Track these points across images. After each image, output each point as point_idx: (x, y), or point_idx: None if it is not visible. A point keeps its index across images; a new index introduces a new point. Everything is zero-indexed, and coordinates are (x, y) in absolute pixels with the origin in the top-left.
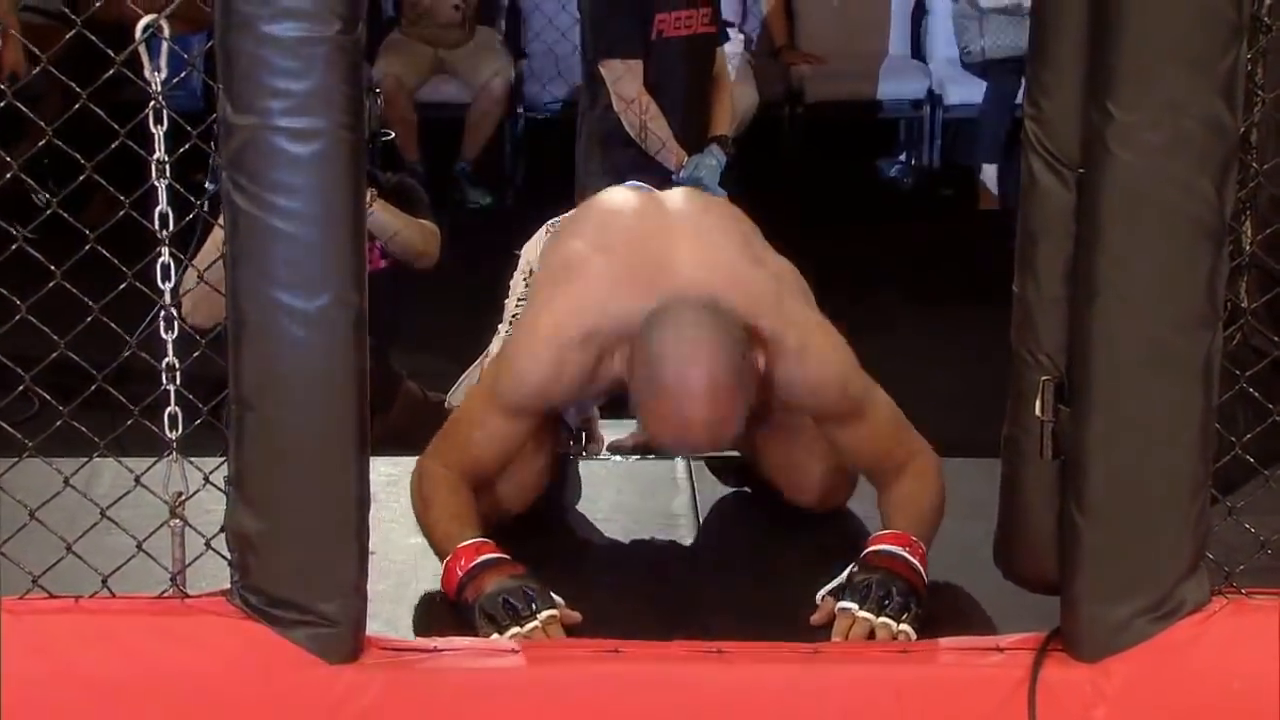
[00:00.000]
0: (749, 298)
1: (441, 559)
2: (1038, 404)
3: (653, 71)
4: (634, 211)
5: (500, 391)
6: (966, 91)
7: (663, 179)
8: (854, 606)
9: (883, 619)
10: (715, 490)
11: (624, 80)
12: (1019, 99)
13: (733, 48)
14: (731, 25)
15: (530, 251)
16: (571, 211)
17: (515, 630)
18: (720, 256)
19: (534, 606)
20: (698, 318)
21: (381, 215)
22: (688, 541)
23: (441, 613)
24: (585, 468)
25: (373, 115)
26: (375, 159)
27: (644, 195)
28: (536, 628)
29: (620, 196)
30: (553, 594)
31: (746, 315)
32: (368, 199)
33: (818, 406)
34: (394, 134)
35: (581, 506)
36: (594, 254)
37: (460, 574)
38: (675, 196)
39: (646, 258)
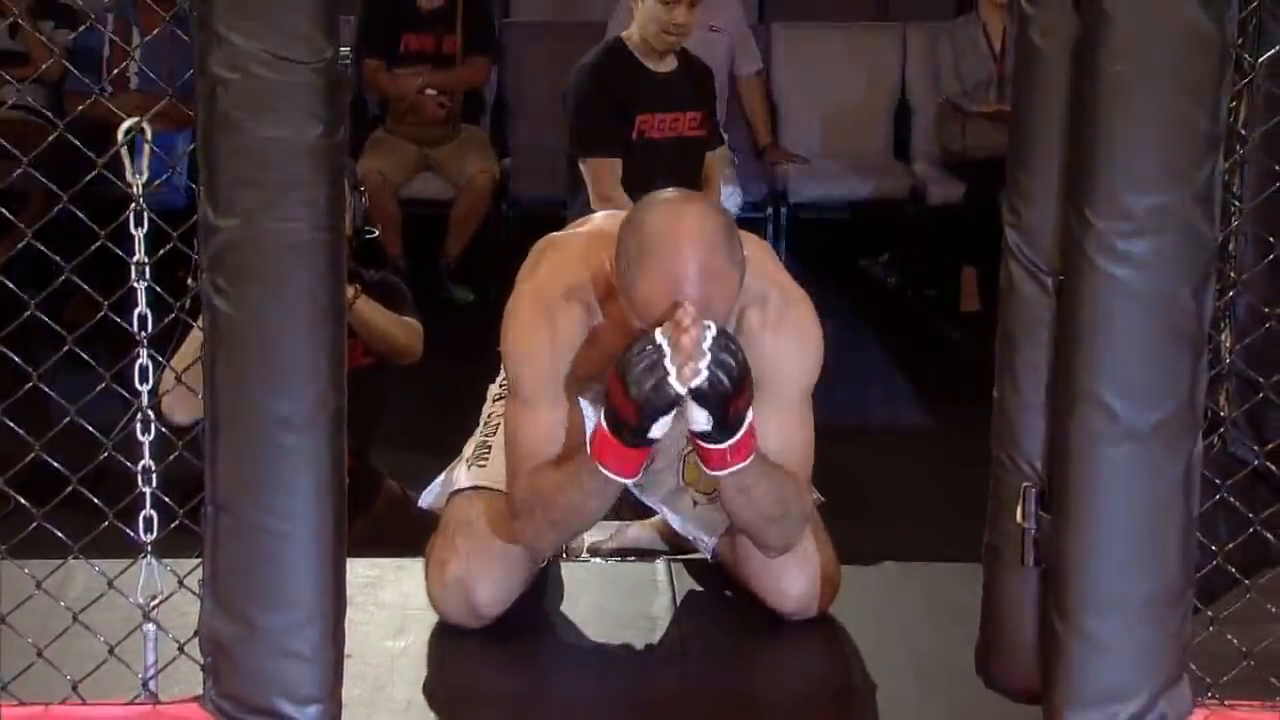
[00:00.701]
0: (735, 261)
1: (591, 468)
2: (1019, 510)
3: (633, 172)
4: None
5: (518, 386)
6: (949, 191)
7: None
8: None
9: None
10: (696, 593)
11: (601, 179)
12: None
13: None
14: None
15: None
16: None
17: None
18: (713, 229)
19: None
20: (681, 192)
21: (365, 311)
22: (668, 645)
23: (417, 718)
24: (565, 569)
25: (357, 212)
26: (359, 256)
27: None
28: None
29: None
30: None
31: (739, 265)
32: (350, 295)
33: (771, 374)
34: (378, 230)
35: (562, 609)
36: (562, 236)
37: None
38: None
39: (616, 225)
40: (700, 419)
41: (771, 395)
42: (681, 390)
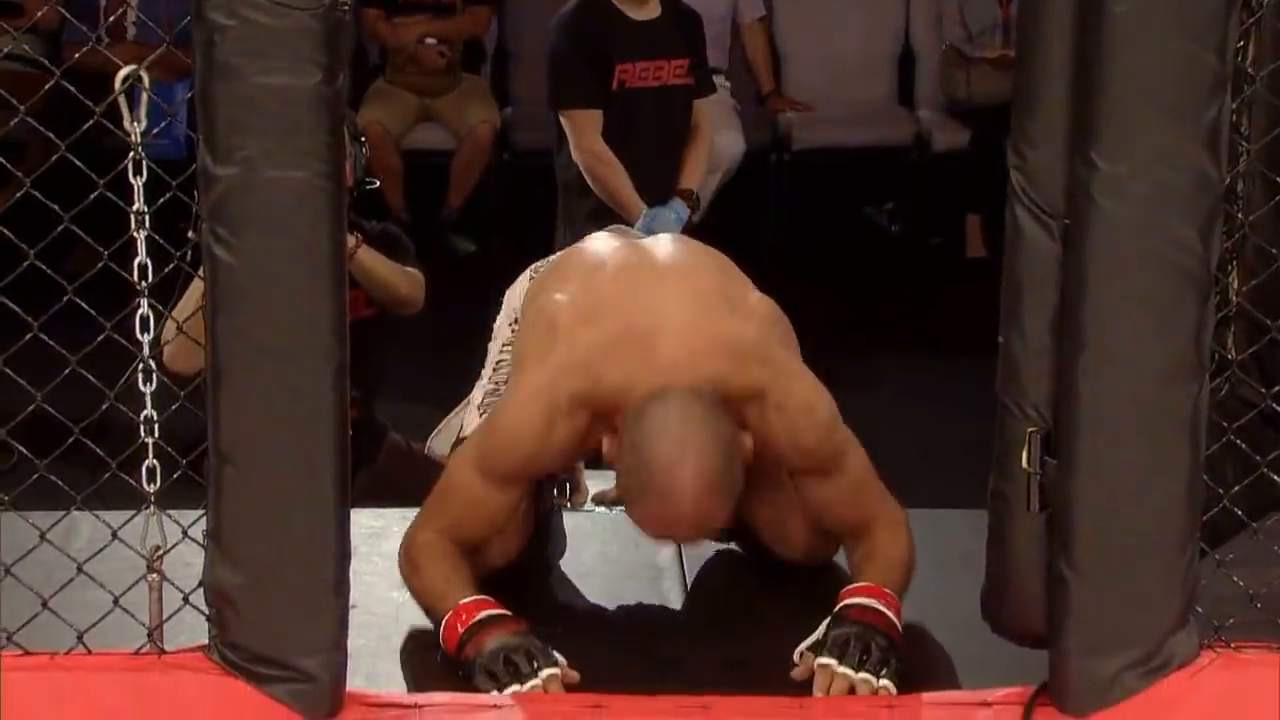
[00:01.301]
0: (733, 358)
1: (436, 619)
2: (1024, 456)
3: (615, 122)
4: (619, 268)
5: (487, 461)
6: (954, 138)
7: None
8: (833, 662)
9: (863, 674)
10: (701, 542)
11: (581, 131)
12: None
13: (720, 94)
14: (719, 71)
15: (514, 297)
16: (553, 258)
17: (515, 687)
18: (705, 319)
19: (535, 664)
20: (684, 412)
21: (366, 261)
22: (673, 594)
23: (423, 668)
24: (569, 520)
25: (358, 163)
26: (360, 207)
27: (626, 247)
28: (537, 685)
29: (602, 249)
30: (554, 652)
31: (732, 377)
32: (351, 244)
33: (797, 459)
34: (379, 182)
35: (566, 559)
36: (580, 318)
37: (461, 630)
38: (657, 247)
39: (635, 325)
40: None
41: (811, 468)
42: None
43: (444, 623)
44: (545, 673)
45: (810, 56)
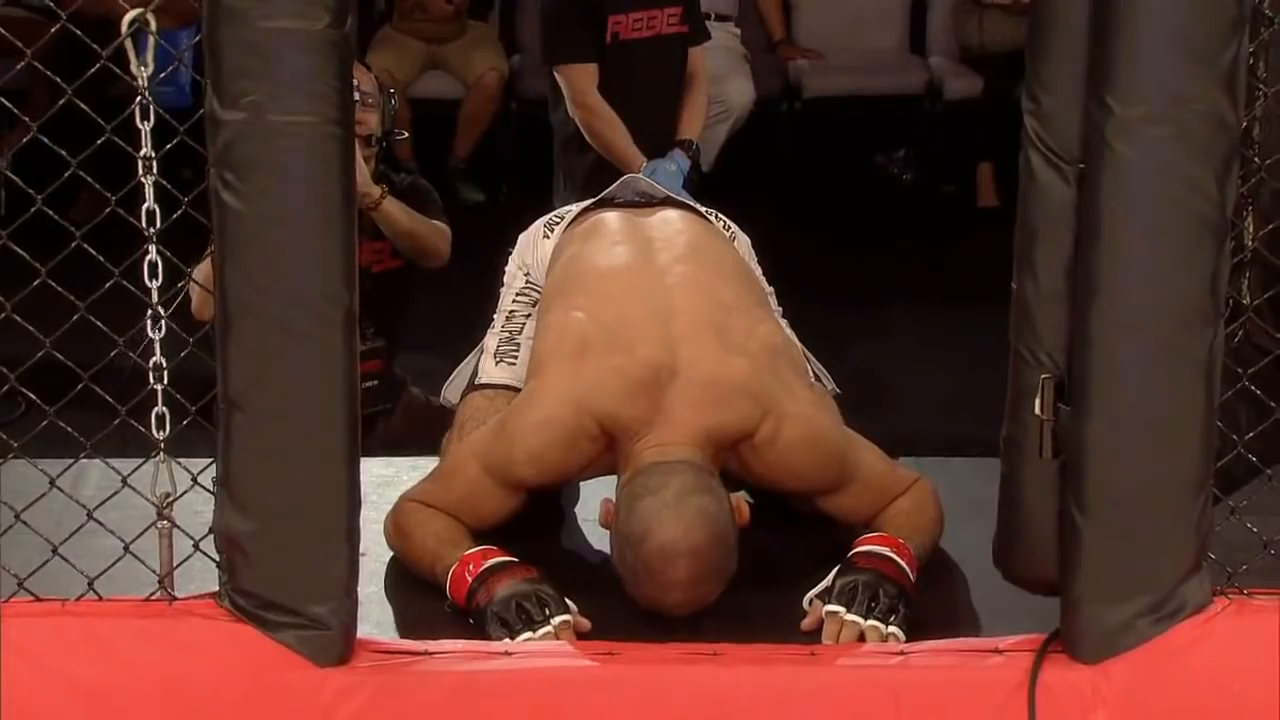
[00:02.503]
0: (727, 400)
1: (436, 577)
2: (1037, 403)
3: (610, 75)
4: (636, 287)
5: (498, 464)
6: (966, 85)
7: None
8: (841, 610)
9: (871, 621)
10: None
11: (576, 86)
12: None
13: (730, 42)
14: (728, 19)
15: (526, 249)
16: (567, 219)
17: (528, 635)
18: (708, 358)
19: (547, 611)
20: (680, 499)
21: (391, 211)
22: None
23: (433, 615)
24: None
25: (387, 115)
26: (387, 158)
27: (643, 255)
28: (549, 632)
29: (621, 258)
30: (566, 599)
31: (732, 425)
32: (376, 195)
33: (800, 486)
34: (406, 134)
35: (577, 508)
36: (607, 343)
37: (470, 579)
38: (674, 258)
39: (650, 362)
40: None
41: (820, 491)
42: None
43: (450, 573)
44: (558, 619)
45: (821, 4)
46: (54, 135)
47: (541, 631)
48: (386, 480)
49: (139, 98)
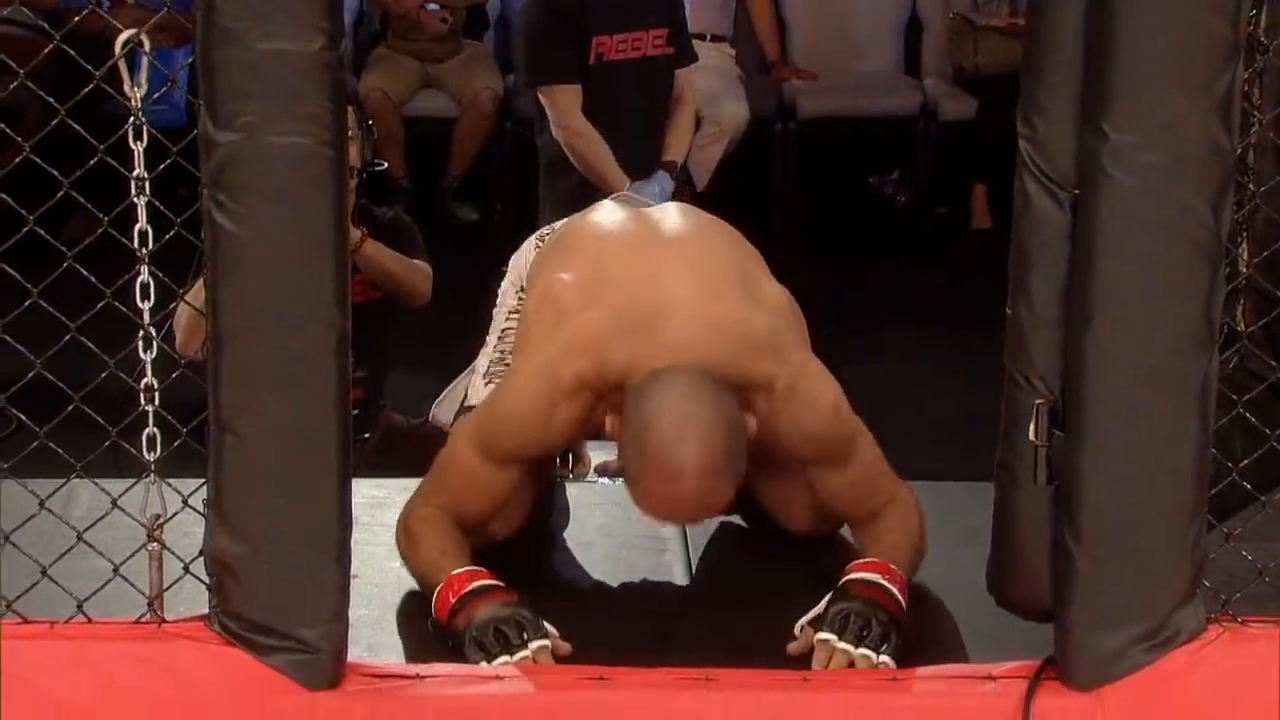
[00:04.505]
0: (742, 345)
1: (430, 592)
2: (1031, 428)
3: (594, 96)
4: (626, 245)
5: (488, 441)
6: (961, 107)
7: None
8: (833, 638)
9: (862, 650)
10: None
11: (560, 107)
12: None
13: (725, 62)
14: (723, 39)
15: (519, 265)
16: (560, 225)
17: (504, 659)
18: (715, 303)
19: (525, 635)
20: (689, 390)
21: (373, 255)
22: (676, 566)
23: (424, 639)
24: (572, 490)
25: (367, 147)
26: (369, 190)
27: (635, 220)
28: (526, 657)
29: (611, 222)
30: (545, 623)
31: (739, 363)
32: (357, 238)
33: (806, 449)
34: (386, 164)
35: (568, 530)
36: (586, 298)
37: (453, 600)
38: (668, 221)
39: (640, 304)
40: None
41: (820, 458)
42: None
43: (436, 593)
44: (535, 644)
45: (816, 25)
46: (48, 154)
47: (518, 656)
48: (378, 501)
49: (132, 118)
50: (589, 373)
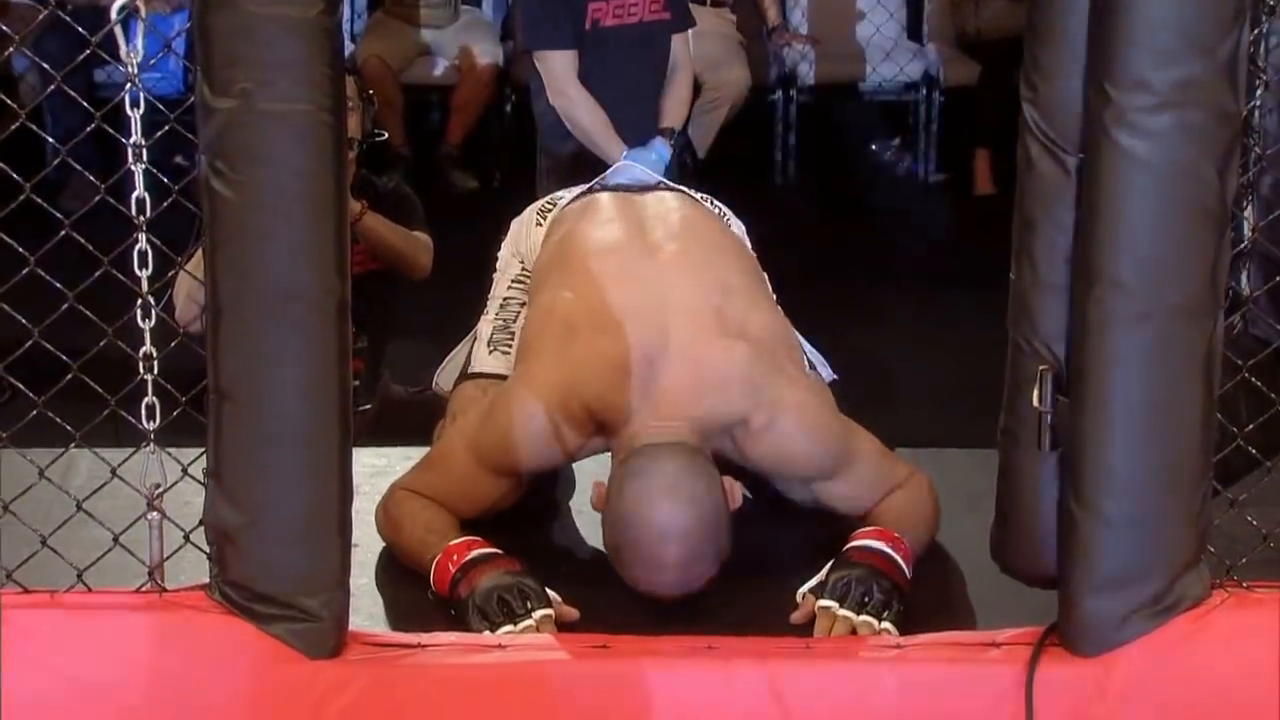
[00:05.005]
0: (721, 387)
1: (424, 569)
2: (1035, 394)
3: (590, 62)
4: (629, 269)
5: (486, 450)
6: (963, 72)
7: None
8: (834, 605)
9: (864, 617)
10: None
11: (555, 72)
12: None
13: (725, 28)
14: (724, 4)
15: (521, 237)
16: (562, 204)
17: (508, 628)
18: (701, 344)
19: (529, 604)
20: (674, 483)
21: (372, 226)
22: None
23: (426, 607)
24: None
25: (367, 118)
26: (370, 161)
27: (635, 239)
28: (530, 626)
29: (612, 238)
30: (549, 591)
31: (719, 408)
32: (357, 210)
33: (795, 472)
34: (386, 134)
35: (571, 499)
36: (596, 327)
37: (453, 569)
38: (667, 239)
39: (639, 346)
40: None
41: (817, 477)
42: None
43: (434, 563)
44: (539, 613)
45: None
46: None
47: (522, 625)
48: (379, 470)
49: (129, 85)
50: (598, 405)
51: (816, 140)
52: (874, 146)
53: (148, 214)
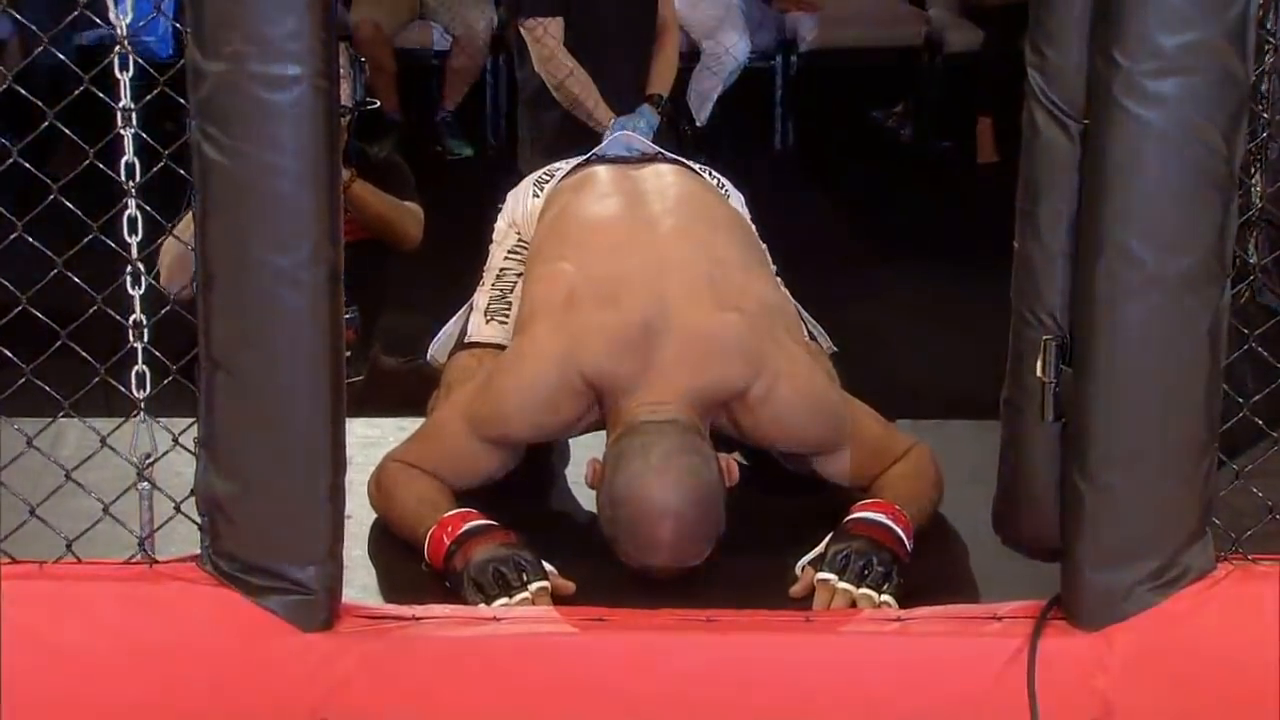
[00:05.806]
0: (717, 358)
1: (418, 541)
2: (1039, 364)
3: (576, 28)
4: (629, 240)
5: (481, 420)
6: (967, 38)
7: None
8: (833, 577)
9: (864, 590)
10: None
11: (542, 40)
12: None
13: None
14: None
15: (518, 208)
16: (559, 175)
17: (503, 601)
18: (698, 316)
19: (524, 577)
20: (665, 464)
21: (361, 195)
22: None
23: (420, 579)
24: None
25: (358, 86)
26: (362, 130)
27: (634, 207)
28: (526, 599)
29: (611, 210)
30: (545, 563)
31: (720, 380)
32: (347, 178)
33: (794, 445)
34: (379, 103)
35: (568, 470)
36: (600, 299)
37: (448, 541)
38: (665, 210)
39: (640, 320)
40: None
41: (816, 451)
42: None
43: (429, 535)
44: (535, 586)
45: None
46: (32, 89)
47: (518, 598)
48: (372, 441)
49: (118, 47)
50: (596, 376)
51: (817, 107)
52: (875, 114)
53: (137, 179)
